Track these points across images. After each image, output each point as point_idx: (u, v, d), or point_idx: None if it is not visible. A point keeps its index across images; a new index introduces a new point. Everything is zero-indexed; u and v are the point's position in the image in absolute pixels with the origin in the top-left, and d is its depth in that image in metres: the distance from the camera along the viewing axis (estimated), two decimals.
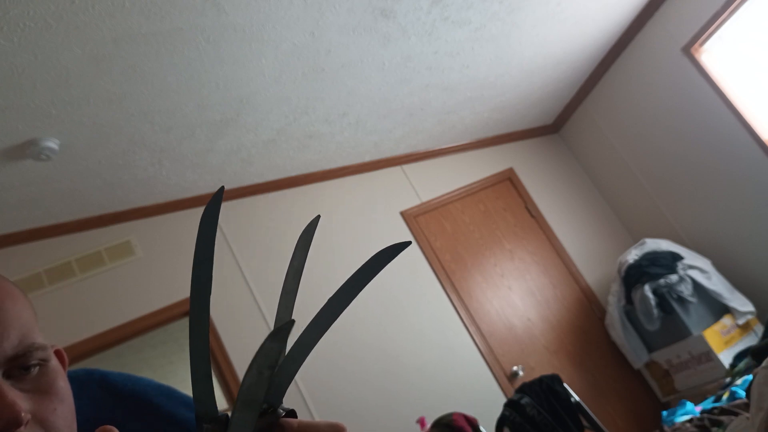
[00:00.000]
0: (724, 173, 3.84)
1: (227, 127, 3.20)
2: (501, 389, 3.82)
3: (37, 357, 0.51)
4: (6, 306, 0.51)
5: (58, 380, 0.53)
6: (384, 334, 3.80)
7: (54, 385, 0.53)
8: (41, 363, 0.52)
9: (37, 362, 0.52)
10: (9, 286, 0.54)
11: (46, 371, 0.52)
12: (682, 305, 3.63)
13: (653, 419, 3.86)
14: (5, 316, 0.50)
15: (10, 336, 0.50)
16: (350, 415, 3.52)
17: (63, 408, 0.52)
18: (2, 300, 0.51)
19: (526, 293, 4.23)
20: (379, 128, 3.88)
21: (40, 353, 0.52)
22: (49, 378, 0.52)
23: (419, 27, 3.03)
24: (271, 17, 2.55)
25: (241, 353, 3.47)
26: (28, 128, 2.59)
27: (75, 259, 3.43)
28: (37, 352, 0.52)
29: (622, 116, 4.37)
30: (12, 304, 0.52)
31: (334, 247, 3.96)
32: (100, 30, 2.25)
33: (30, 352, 0.51)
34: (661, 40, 3.88)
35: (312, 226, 0.46)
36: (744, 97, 3.64)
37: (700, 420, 2.36)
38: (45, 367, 0.53)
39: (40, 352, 0.52)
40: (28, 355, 0.51)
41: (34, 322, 0.54)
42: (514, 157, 4.71)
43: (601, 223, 4.64)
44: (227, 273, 3.68)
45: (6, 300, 0.51)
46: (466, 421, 2.84)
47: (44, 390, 0.51)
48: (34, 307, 0.56)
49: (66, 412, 0.53)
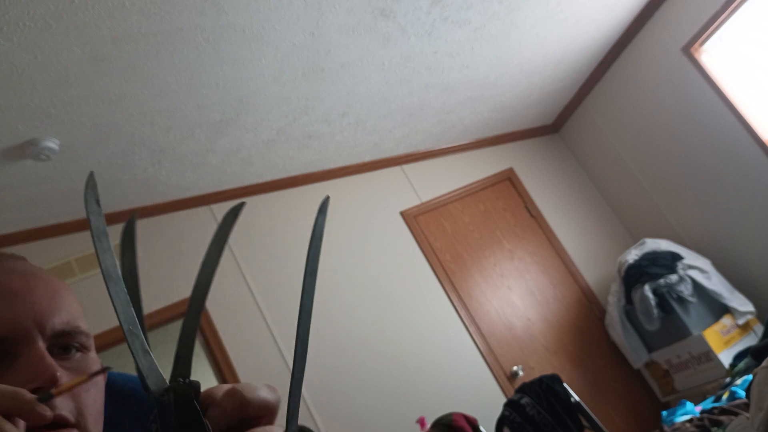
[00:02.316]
0: (724, 173, 3.84)
1: (227, 127, 3.20)
2: (501, 389, 3.82)
3: (79, 341, 0.56)
4: (62, 293, 0.58)
5: (95, 368, 0.57)
6: (384, 334, 3.80)
7: (91, 370, 0.56)
8: (83, 349, 0.57)
9: (79, 346, 0.56)
10: (64, 284, 0.61)
11: (85, 357, 0.57)
12: (682, 305, 3.63)
13: (653, 419, 3.86)
14: (60, 299, 0.57)
15: (62, 314, 0.56)
16: (350, 415, 3.52)
17: (95, 391, 0.56)
18: (59, 288, 0.58)
19: (525, 293, 4.23)
20: (378, 128, 3.88)
21: (83, 338, 0.57)
22: (87, 363, 0.56)
23: (419, 27, 3.03)
24: (271, 17, 2.55)
25: (240, 353, 3.47)
26: (28, 128, 2.59)
27: (75, 259, 3.43)
28: (81, 336, 0.57)
29: (622, 116, 4.37)
30: (66, 293, 0.59)
31: (333, 246, 3.96)
32: (99, 30, 2.25)
33: (75, 333, 0.56)
34: (661, 40, 3.88)
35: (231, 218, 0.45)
36: (744, 97, 3.64)
37: (700, 420, 2.36)
38: (85, 354, 0.57)
39: (84, 338, 0.57)
40: (73, 335, 0.56)
41: (82, 315, 0.60)
42: (513, 157, 4.71)
43: (601, 223, 4.63)
44: (227, 273, 3.67)
45: (62, 289, 0.59)
46: (466, 421, 2.84)
47: (81, 371, 0.55)
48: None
49: (97, 396, 0.57)
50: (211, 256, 0.43)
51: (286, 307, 3.69)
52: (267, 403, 0.40)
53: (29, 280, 0.56)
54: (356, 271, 3.94)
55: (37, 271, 0.58)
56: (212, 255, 0.42)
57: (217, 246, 0.43)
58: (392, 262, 4.04)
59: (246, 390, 0.39)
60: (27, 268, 0.58)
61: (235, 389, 0.38)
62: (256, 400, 0.39)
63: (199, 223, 3.76)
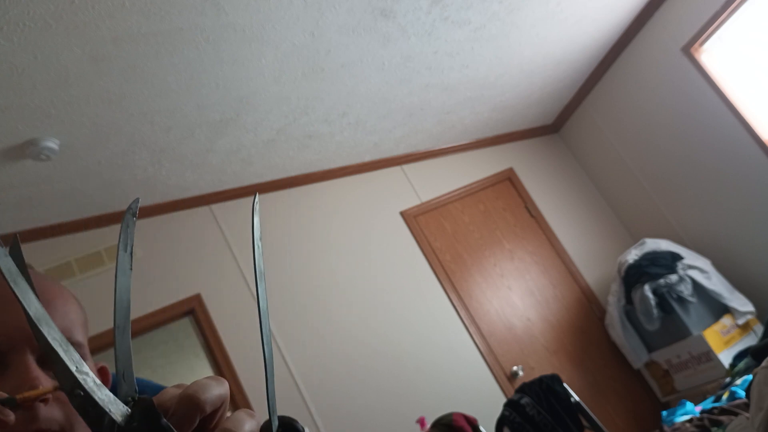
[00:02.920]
0: (724, 173, 3.84)
1: (227, 127, 3.20)
2: (501, 389, 3.82)
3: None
4: (55, 303, 0.58)
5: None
6: (384, 334, 3.80)
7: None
8: None
9: None
10: (66, 292, 0.61)
11: None
12: (682, 305, 3.63)
13: (653, 419, 3.86)
14: (52, 309, 0.56)
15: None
16: (350, 415, 3.52)
17: None
18: (53, 298, 0.58)
19: (525, 293, 4.23)
20: (378, 128, 3.88)
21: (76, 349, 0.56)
22: None
23: (419, 27, 3.03)
24: (271, 17, 2.55)
25: (240, 353, 3.46)
26: (28, 128, 2.59)
27: (75, 259, 3.43)
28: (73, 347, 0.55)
29: (622, 116, 4.37)
30: (62, 303, 0.59)
31: (333, 246, 3.96)
32: (99, 30, 2.25)
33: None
34: (660, 40, 3.88)
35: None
36: (744, 97, 3.64)
37: (700, 420, 2.36)
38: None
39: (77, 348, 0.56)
40: None
41: (80, 325, 0.60)
42: (513, 157, 4.71)
43: (601, 223, 4.64)
44: (227, 273, 3.68)
45: (57, 299, 0.59)
46: (466, 421, 2.84)
47: None
48: (87, 318, 0.63)
49: None
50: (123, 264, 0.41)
51: (286, 307, 3.69)
52: (221, 398, 0.40)
53: None
54: (356, 271, 3.94)
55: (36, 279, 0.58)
56: (124, 263, 0.40)
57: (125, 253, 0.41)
58: (392, 263, 4.04)
59: (199, 392, 0.39)
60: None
61: (188, 395, 0.39)
62: (211, 399, 0.39)
63: (199, 223, 3.76)
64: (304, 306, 3.73)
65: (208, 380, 0.41)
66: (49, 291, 0.59)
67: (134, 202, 0.43)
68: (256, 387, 3.39)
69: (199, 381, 0.40)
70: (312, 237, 3.96)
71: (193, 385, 0.40)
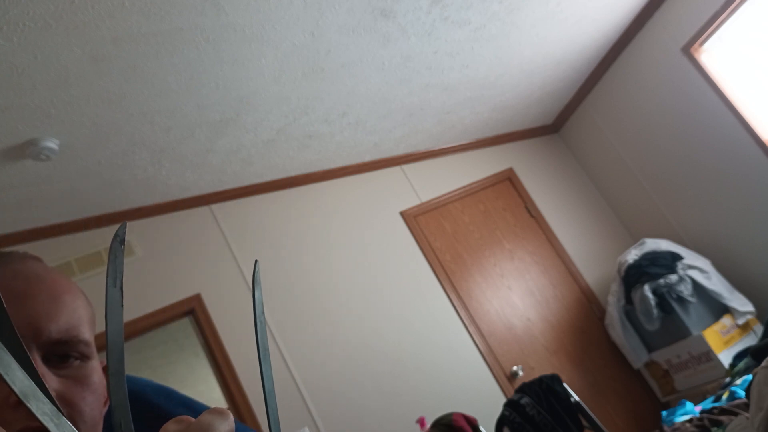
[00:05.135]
0: (724, 173, 3.84)
1: (227, 127, 3.20)
2: (501, 389, 3.82)
3: (78, 350, 0.55)
4: (64, 299, 0.57)
5: (94, 375, 0.57)
6: (384, 334, 3.80)
7: (89, 377, 0.56)
8: (82, 358, 0.56)
9: (78, 355, 0.55)
10: (75, 287, 0.60)
11: (84, 365, 0.56)
12: (682, 305, 3.63)
13: (653, 419, 3.86)
14: (60, 305, 0.56)
15: (60, 322, 0.54)
16: (351, 415, 3.52)
17: (93, 398, 0.56)
18: (62, 293, 0.57)
19: (525, 293, 4.23)
20: (378, 128, 3.88)
21: (82, 347, 0.56)
22: (86, 371, 0.56)
23: (419, 27, 3.03)
24: (271, 17, 2.55)
25: (240, 353, 3.46)
26: (28, 128, 2.59)
27: (75, 259, 3.43)
28: (80, 345, 0.56)
29: (622, 116, 4.37)
30: (70, 298, 0.58)
31: (333, 247, 3.96)
32: (99, 30, 2.25)
33: (73, 342, 0.55)
34: (660, 40, 3.88)
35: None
36: (744, 97, 3.64)
37: (700, 420, 2.36)
38: (84, 362, 0.56)
39: (83, 347, 0.56)
40: (70, 344, 0.55)
41: (87, 322, 0.59)
42: (513, 157, 4.72)
43: (600, 223, 4.64)
44: (227, 273, 3.67)
45: (65, 294, 0.57)
46: (466, 421, 2.84)
47: (78, 379, 0.55)
48: (95, 315, 0.61)
49: (95, 403, 0.56)
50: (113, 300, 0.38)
51: (286, 307, 3.69)
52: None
53: (33, 284, 0.55)
54: (356, 271, 3.94)
55: (45, 274, 0.58)
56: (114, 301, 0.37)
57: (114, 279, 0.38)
58: (392, 263, 4.04)
59: None
60: (35, 270, 0.57)
61: None
62: None
63: (199, 223, 3.76)
64: (303, 306, 3.73)
65: (212, 417, 0.38)
66: (59, 286, 0.58)
67: (121, 227, 0.39)
68: (256, 387, 3.39)
69: (203, 419, 0.38)
70: (312, 237, 3.96)
71: (195, 425, 0.37)
